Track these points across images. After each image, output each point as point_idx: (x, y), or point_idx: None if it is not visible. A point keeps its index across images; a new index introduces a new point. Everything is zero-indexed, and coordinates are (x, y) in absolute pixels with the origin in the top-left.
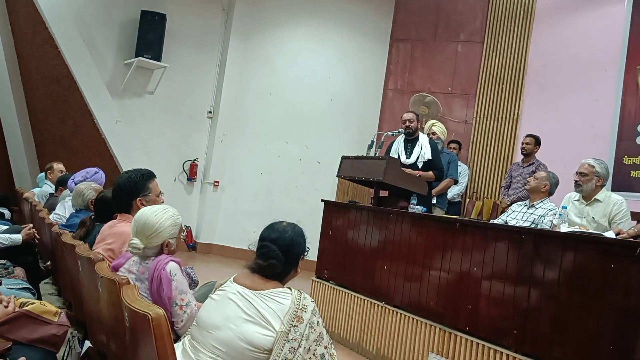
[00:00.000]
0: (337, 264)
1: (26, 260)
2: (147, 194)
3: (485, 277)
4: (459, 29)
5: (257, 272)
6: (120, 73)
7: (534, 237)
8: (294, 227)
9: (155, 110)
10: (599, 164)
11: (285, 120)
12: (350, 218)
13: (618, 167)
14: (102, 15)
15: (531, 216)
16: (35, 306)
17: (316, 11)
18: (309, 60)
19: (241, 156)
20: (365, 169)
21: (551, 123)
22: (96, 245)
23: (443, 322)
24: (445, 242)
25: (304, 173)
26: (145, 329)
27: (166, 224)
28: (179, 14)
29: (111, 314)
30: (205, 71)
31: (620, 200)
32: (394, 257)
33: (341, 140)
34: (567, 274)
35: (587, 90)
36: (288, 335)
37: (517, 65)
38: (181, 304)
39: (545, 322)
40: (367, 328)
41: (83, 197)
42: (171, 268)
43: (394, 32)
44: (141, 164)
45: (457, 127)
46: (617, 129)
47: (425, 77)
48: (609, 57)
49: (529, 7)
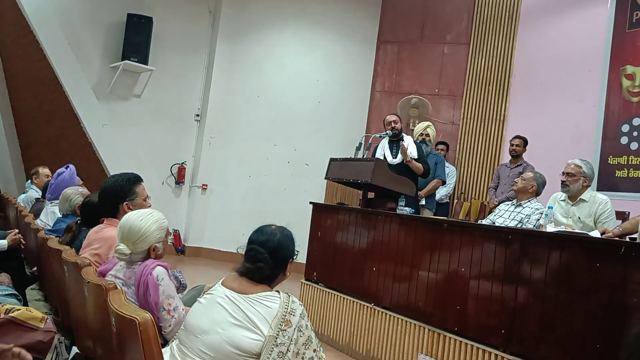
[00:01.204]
0: (326, 266)
1: (12, 266)
2: (134, 198)
3: (473, 277)
4: (445, 31)
5: (245, 276)
6: (106, 76)
7: (521, 237)
8: (283, 231)
9: (142, 114)
10: (586, 164)
11: (273, 122)
12: (339, 220)
13: (603, 167)
14: (88, 18)
15: (518, 215)
16: (21, 312)
17: (303, 14)
18: (297, 63)
19: (229, 159)
20: (353, 171)
21: (537, 123)
22: (83, 250)
23: (432, 322)
24: (434, 243)
25: (292, 175)
26: (132, 333)
27: (152, 229)
28: (166, 17)
29: (98, 319)
30: (192, 74)
31: (605, 200)
32: (383, 259)
33: (329, 142)
34: (553, 273)
35: (572, 91)
36: (277, 339)
37: (503, 66)
38: (169, 308)
39: (532, 321)
40: (357, 330)
41: (70, 202)
42: (158, 273)
43: (381, 33)
44: (128, 167)
45: (445, 128)
46: (602, 129)
47: (413, 78)
48: (593, 58)
49: (514, 8)
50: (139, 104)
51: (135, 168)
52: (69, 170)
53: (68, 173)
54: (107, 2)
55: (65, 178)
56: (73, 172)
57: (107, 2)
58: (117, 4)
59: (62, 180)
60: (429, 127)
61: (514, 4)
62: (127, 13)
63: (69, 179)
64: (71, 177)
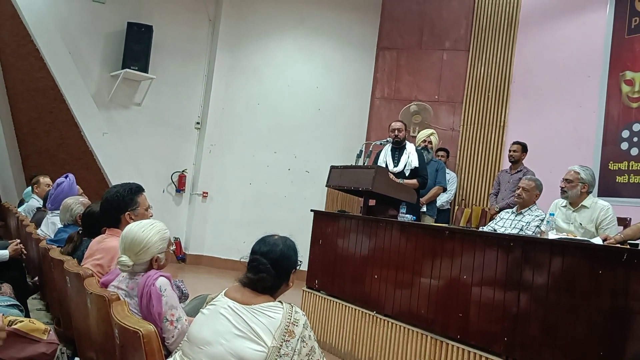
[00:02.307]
0: (327, 274)
1: (13, 276)
2: (136, 208)
3: (475, 284)
4: (444, 37)
5: (248, 286)
6: (106, 85)
7: (523, 244)
8: (286, 241)
9: (142, 122)
10: (584, 171)
11: (273, 130)
12: (340, 227)
13: (603, 173)
14: (88, 27)
15: (519, 223)
16: (24, 324)
17: (302, 21)
18: (296, 70)
19: (230, 166)
20: (354, 179)
21: (537, 129)
22: (85, 260)
23: (434, 330)
24: (435, 250)
25: (292, 182)
26: (136, 345)
27: (154, 240)
28: (166, 25)
29: (101, 330)
30: (192, 82)
31: (606, 206)
32: (385, 266)
33: (329, 149)
34: (555, 280)
35: (571, 96)
36: (280, 350)
37: (503, 73)
38: (172, 319)
39: (535, 328)
40: (359, 337)
41: (71, 212)
42: (161, 283)
43: (380, 40)
44: (129, 175)
45: (444, 134)
46: (602, 134)
47: (412, 84)
48: (591, 64)
49: (513, 14)
50: (139, 112)
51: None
52: (68, 180)
53: (67, 183)
54: (107, 11)
55: (64, 188)
56: (72, 181)
57: (107, 11)
58: (117, 13)
59: (62, 190)
60: (432, 135)
61: (513, 10)
62: (127, 22)
63: (67, 189)
64: (70, 187)
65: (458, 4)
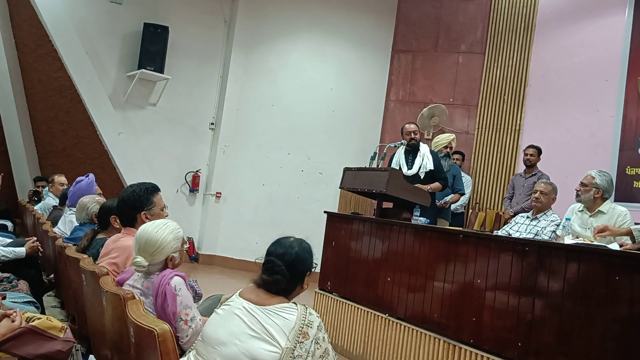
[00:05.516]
0: (340, 276)
1: (30, 274)
2: (152, 207)
3: (489, 288)
4: (460, 40)
5: (263, 287)
6: (122, 85)
7: (538, 249)
8: (301, 243)
9: (157, 122)
10: (601, 176)
11: (287, 131)
12: (353, 230)
13: (621, 178)
14: (105, 27)
15: (534, 228)
16: (42, 321)
17: (317, 23)
18: (311, 72)
19: (243, 167)
20: (367, 181)
21: (552, 133)
22: (100, 259)
23: (447, 334)
24: (449, 253)
25: (306, 184)
26: (151, 344)
27: (168, 239)
28: (182, 26)
29: (116, 328)
30: (207, 83)
31: (624, 212)
32: (398, 269)
33: (343, 151)
34: (571, 286)
35: (588, 101)
36: (294, 351)
37: (519, 76)
38: (186, 318)
39: (549, 334)
40: (371, 340)
41: (87, 210)
42: (176, 283)
43: (395, 43)
44: (143, 175)
45: (459, 137)
46: (619, 139)
47: (427, 87)
48: (609, 68)
49: (529, 18)
50: (154, 112)
51: (150, 176)
52: (88, 179)
53: (86, 181)
54: (124, 12)
55: (82, 186)
56: (92, 180)
57: (124, 12)
58: (133, 14)
59: (79, 188)
60: (453, 141)
61: (529, 14)
62: (143, 22)
63: (85, 187)
64: (88, 186)
65: (475, 7)
